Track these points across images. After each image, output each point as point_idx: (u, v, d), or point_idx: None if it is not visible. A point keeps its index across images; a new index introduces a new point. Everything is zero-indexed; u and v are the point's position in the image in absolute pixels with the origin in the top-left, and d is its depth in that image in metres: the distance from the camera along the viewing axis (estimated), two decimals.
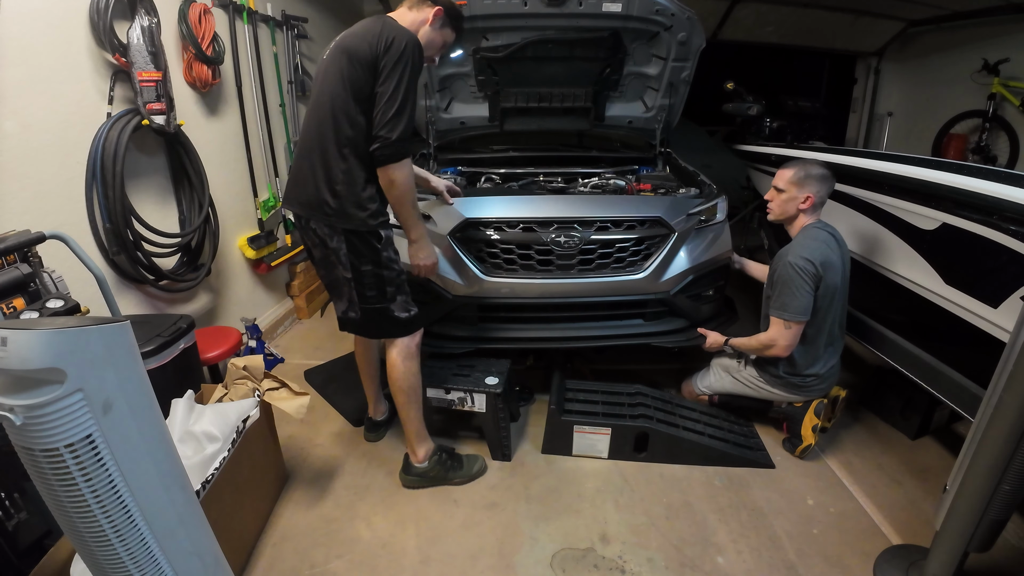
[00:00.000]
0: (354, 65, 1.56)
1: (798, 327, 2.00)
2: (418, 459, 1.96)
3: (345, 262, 1.69)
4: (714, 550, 1.73)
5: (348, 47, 1.59)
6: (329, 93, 1.61)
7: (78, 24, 1.93)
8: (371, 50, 1.54)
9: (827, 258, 1.97)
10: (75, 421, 0.82)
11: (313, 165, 1.65)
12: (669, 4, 2.49)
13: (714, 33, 4.86)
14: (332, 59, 1.64)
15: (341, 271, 1.73)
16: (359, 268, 1.70)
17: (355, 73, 1.56)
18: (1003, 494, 1.27)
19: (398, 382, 1.85)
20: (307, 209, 1.70)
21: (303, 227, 1.77)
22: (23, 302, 1.51)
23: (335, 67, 1.60)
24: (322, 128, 1.62)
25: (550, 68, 2.87)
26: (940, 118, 4.65)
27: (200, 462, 1.48)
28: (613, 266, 2.28)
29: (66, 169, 1.93)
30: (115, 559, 0.92)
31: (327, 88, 1.62)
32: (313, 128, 1.66)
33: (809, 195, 2.03)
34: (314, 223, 1.70)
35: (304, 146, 1.70)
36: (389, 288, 1.75)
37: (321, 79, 1.68)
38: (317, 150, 1.64)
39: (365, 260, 1.69)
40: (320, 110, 1.63)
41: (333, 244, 1.68)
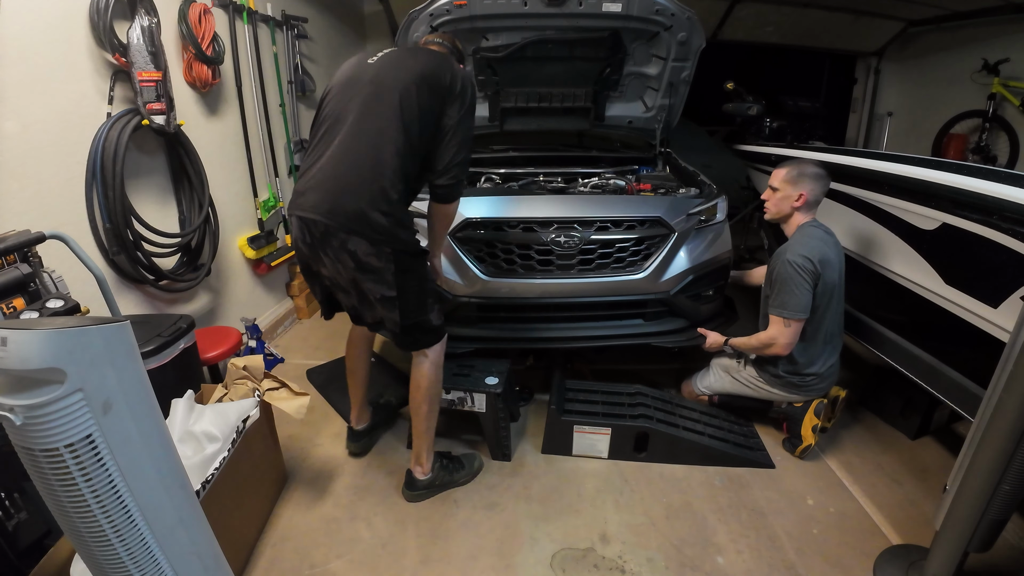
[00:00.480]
0: (433, 95, 1.58)
1: (797, 325, 2.00)
2: (424, 471, 1.91)
3: (391, 281, 1.58)
4: (714, 550, 1.73)
5: (426, 75, 1.58)
6: (396, 114, 1.54)
7: (78, 24, 1.93)
8: (447, 85, 1.59)
9: (825, 255, 1.97)
10: (75, 421, 0.82)
11: (364, 179, 1.53)
12: (669, 4, 2.49)
13: (714, 33, 4.86)
14: (397, 78, 1.58)
15: (382, 291, 1.60)
16: (405, 286, 1.62)
17: (430, 103, 1.58)
18: (1003, 494, 1.27)
19: (428, 391, 1.80)
20: (351, 223, 1.52)
21: (330, 244, 1.56)
22: (23, 302, 1.51)
23: (404, 88, 1.56)
24: (382, 144, 1.54)
25: (550, 68, 2.87)
26: (940, 118, 4.65)
27: (200, 462, 1.48)
28: (613, 266, 2.28)
29: (66, 169, 1.93)
30: (115, 559, 0.92)
31: (391, 108, 1.55)
32: (370, 141, 1.55)
33: (802, 193, 2.05)
34: (352, 243, 1.53)
35: (352, 157, 1.55)
36: (430, 300, 1.72)
37: (379, 94, 1.58)
38: (371, 165, 1.54)
39: (412, 277, 1.63)
40: (382, 124, 1.55)
41: (379, 263, 1.55)
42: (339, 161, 1.56)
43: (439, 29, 2.57)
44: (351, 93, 1.61)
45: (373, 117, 1.56)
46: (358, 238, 1.53)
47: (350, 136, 1.57)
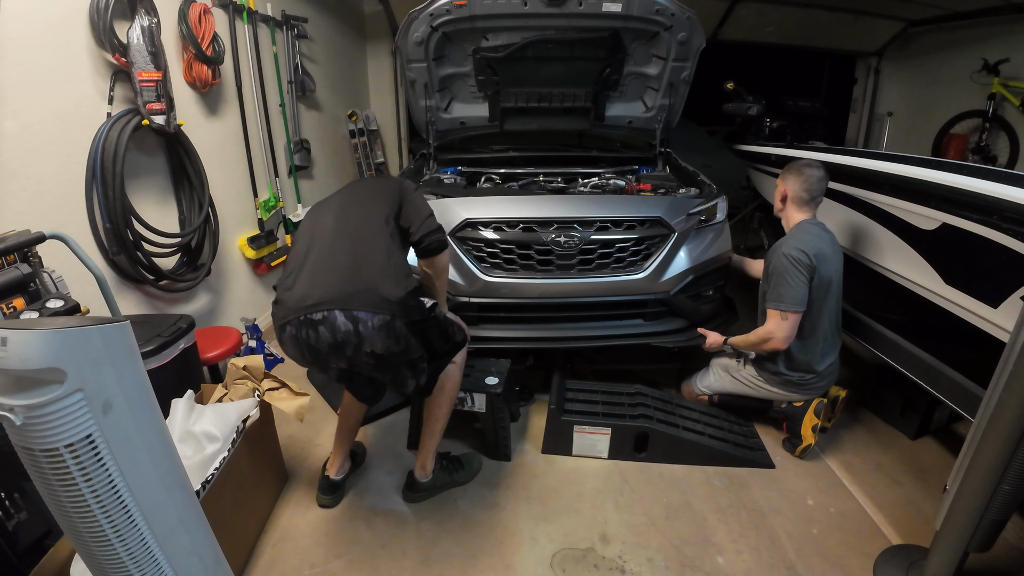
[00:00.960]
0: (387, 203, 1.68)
1: (795, 317, 2.00)
2: (427, 473, 1.91)
3: (415, 346, 1.53)
4: (714, 550, 1.73)
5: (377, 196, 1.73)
6: (372, 210, 1.66)
7: (78, 24, 1.93)
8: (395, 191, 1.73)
9: (820, 250, 1.99)
10: (75, 421, 0.82)
11: (362, 259, 1.52)
12: (669, 4, 2.49)
13: (714, 33, 4.86)
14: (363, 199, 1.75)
15: (408, 356, 1.56)
16: (430, 342, 1.60)
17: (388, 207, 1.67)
18: (1003, 494, 1.26)
19: (451, 392, 1.83)
20: (362, 296, 1.44)
21: (344, 352, 1.46)
22: (23, 302, 1.51)
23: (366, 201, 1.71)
24: (368, 229, 1.60)
25: (550, 68, 2.87)
26: (940, 118, 4.65)
27: (200, 462, 1.48)
28: (613, 266, 2.28)
29: (66, 169, 1.93)
30: (115, 559, 0.92)
31: (366, 208, 1.68)
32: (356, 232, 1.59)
33: (784, 189, 2.11)
34: (368, 339, 1.44)
35: (343, 247, 1.55)
36: (450, 330, 1.73)
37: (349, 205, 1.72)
38: (364, 247, 1.54)
39: (433, 334, 1.62)
40: (362, 219, 1.63)
41: (399, 346, 1.49)
42: (330, 254, 1.53)
43: (439, 29, 2.58)
44: (321, 218, 1.68)
45: (352, 217, 1.64)
46: (369, 315, 1.42)
47: (334, 237, 1.57)
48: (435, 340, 1.64)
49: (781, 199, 2.15)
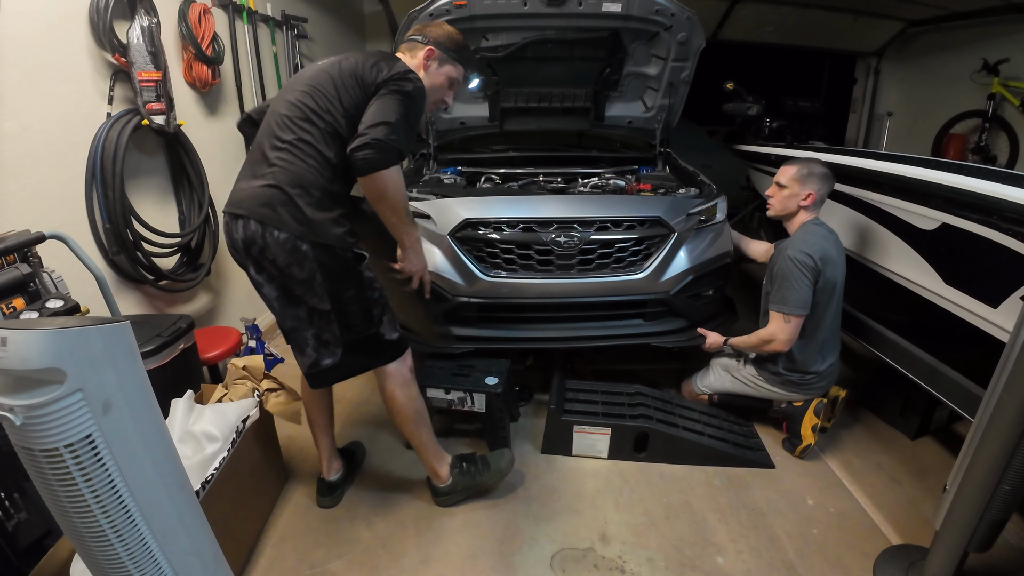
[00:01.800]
0: (353, 80, 1.48)
1: (797, 320, 2.00)
2: (442, 479, 1.85)
3: (321, 292, 1.44)
4: (714, 550, 1.73)
5: (350, 66, 1.50)
6: (317, 100, 1.47)
7: (78, 24, 1.93)
8: (371, 74, 1.47)
9: (826, 253, 1.98)
10: (75, 421, 0.82)
11: (285, 165, 1.43)
12: (669, 4, 2.49)
13: (714, 33, 4.86)
14: (324, 70, 1.52)
15: (315, 303, 1.47)
16: (341, 296, 1.47)
17: (352, 90, 1.47)
18: (1003, 494, 1.26)
19: (403, 413, 1.69)
20: (267, 211, 1.41)
21: (251, 253, 1.46)
22: (23, 302, 1.51)
23: (326, 76, 1.49)
24: (302, 128, 1.45)
25: (550, 68, 2.87)
26: (940, 118, 4.65)
27: (200, 462, 1.48)
28: (613, 266, 2.28)
29: (66, 169, 1.93)
30: (115, 559, 0.92)
31: (315, 95, 1.47)
32: (288, 127, 1.46)
33: (811, 192, 2.05)
34: (272, 240, 1.41)
35: (271, 144, 1.47)
36: (375, 310, 1.54)
37: (305, 83, 1.51)
38: (292, 151, 1.44)
39: (348, 284, 1.47)
40: (301, 111, 1.46)
41: (303, 274, 1.43)
42: (263, 160, 1.48)
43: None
44: (281, 96, 1.56)
45: (294, 105, 1.48)
46: (276, 232, 1.40)
47: (274, 125, 1.48)
48: (349, 304, 1.47)
49: (803, 201, 2.05)
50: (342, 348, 1.53)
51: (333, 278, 1.45)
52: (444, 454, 1.87)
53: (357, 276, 1.49)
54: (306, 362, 1.58)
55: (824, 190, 2.06)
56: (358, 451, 2.12)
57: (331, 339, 1.53)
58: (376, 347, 1.58)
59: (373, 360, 1.62)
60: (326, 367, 1.57)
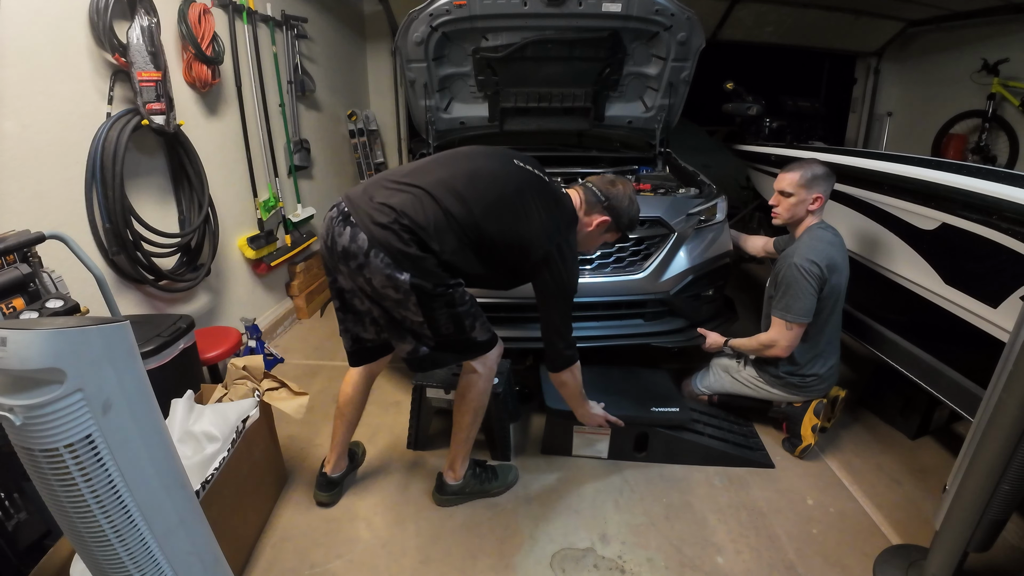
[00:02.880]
0: (519, 234, 1.56)
1: (799, 328, 2.00)
2: (455, 477, 1.87)
3: (415, 310, 1.51)
4: (714, 550, 1.73)
5: (528, 218, 1.56)
6: (490, 206, 1.53)
7: (77, 24, 1.93)
8: (530, 258, 1.57)
9: (832, 260, 1.97)
10: (75, 421, 0.82)
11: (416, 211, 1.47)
12: (669, 4, 2.49)
13: (714, 33, 4.86)
14: (508, 181, 1.59)
15: (409, 316, 1.54)
16: (434, 314, 1.53)
17: (514, 235, 1.56)
18: (1003, 494, 1.27)
19: (472, 403, 1.74)
20: (377, 232, 1.45)
21: (347, 260, 1.49)
22: (23, 302, 1.51)
23: (509, 194, 1.56)
24: (453, 198, 1.50)
25: (550, 68, 2.87)
26: (940, 118, 4.65)
27: (200, 462, 1.48)
28: (613, 266, 2.28)
29: (65, 169, 1.93)
30: (115, 559, 0.92)
31: (486, 192, 1.54)
32: (444, 193, 1.50)
33: (818, 195, 2.02)
34: (370, 267, 1.45)
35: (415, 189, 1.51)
36: (466, 321, 1.59)
37: (486, 171, 1.59)
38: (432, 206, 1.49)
39: (439, 302, 1.52)
40: (465, 197, 1.51)
41: (396, 296, 1.49)
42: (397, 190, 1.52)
43: (439, 29, 2.57)
44: (455, 159, 1.63)
45: (461, 185, 1.53)
46: (379, 253, 1.44)
47: (428, 189, 1.51)
48: (440, 318, 1.53)
49: (811, 205, 2.02)
50: (435, 344, 1.61)
51: (426, 302, 1.51)
52: (469, 457, 1.90)
53: (449, 298, 1.54)
54: (406, 349, 1.64)
55: (829, 190, 2.04)
56: (359, 450, 2.12)
57: (426, 338, 1.60)
58: (468, 347, 1.66)
59: (464, 355, 1.70)
60: (424, 355, 1.63)
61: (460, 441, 1.83)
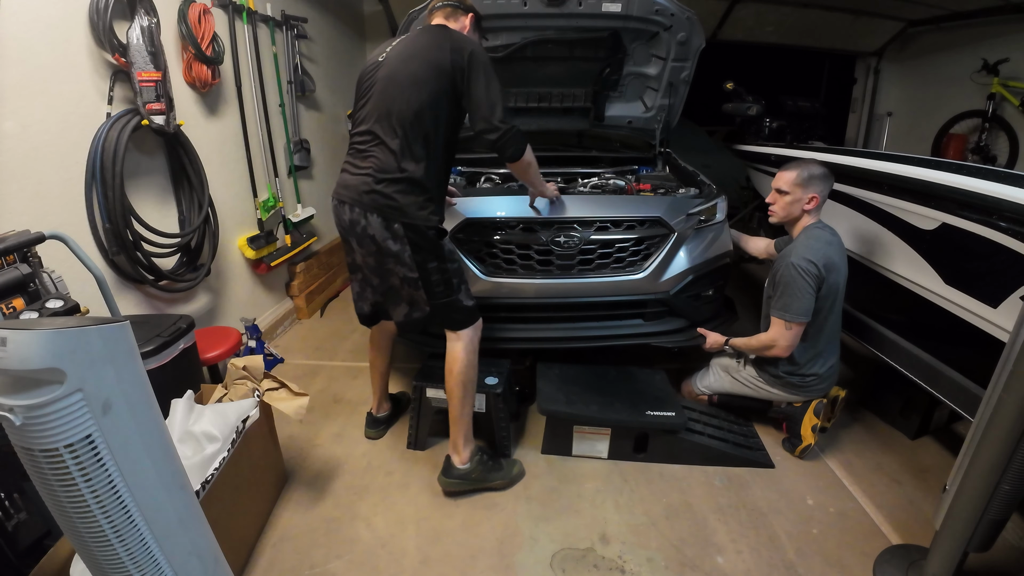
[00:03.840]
0: (433, 73, 1.66)
1: (799, 328, 2.00)
2: (462, 460, 1.91)
3: (410, 263, 1.71)
4: (714, 550, 1.73)
5: (428, 59, 1.66)
6: (403, 95, 1.65)
7: (77, 24, 1.93)
8: (452, 61, 1.65)
9: (830, 259, 1.97)
10: (75, 421, 0.82)
11: (377, 161, 1.68)
12: (669, 4, 2.49)
13: (714, 33, 4.86)
14: (399, 65, 1.69)
15: (404, 272, 1.74)
16: (425, 266, 1.72)
17: (435, 82, 1.66)
18: (1003, 494, 1.27)
19: (460, 375, 1.84)
20: (361, 200, 1.69)
21: (355, 232, 1.75)
22: (23, 302, 1.51)
23: (407, 72, 1.67)
24: (392, 125, 1.66)
25: (550, 68, 2.87)
26: (940, 118, 4.65)
27: (200, 462, 1.48)
28: (613, 266, 2.28)
29: (65, 169, 1.93)
30: (115, 559, 0.92)
31: (398, 90, 1.67)
32: (381, 124, 1.68)
33: (814, 195, 2.02)
34: (371, 225, 1.69)
35: (364, 144, 1.72)
36: (454, 280, 1.79)
37: (385, 82, 1.69)
38: (384, 146, 1.67)
39: (430, 257, 1.72)
40: (391, 107, 1.66)
41: (395, 248, 1.70)
42: (360, 147, 1.74)
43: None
44: (368, 95, 1.74)
45: (381, 103, 1.68)
46: (373, 216, 1.68)
47: (365, 121, 1.73)
48: (432, 275, 1.73)
49: (806, 205, 2.03)
50: (429, 307, 1.79)
51: (419, 251, 1.71)
52: (472, 437, 1.95)
53: (439, 249, 1.74)
54: (399, 314, 1.87)
55: (826, 190, 2.05)
56: (403, 399, 2.41)
57: (420, 301, 1.79)
58: (455, 311, 1.81)
59: (451, 322, 1.83)
60: (416, 318, 1.84)
61: (456, 418, 1.89)
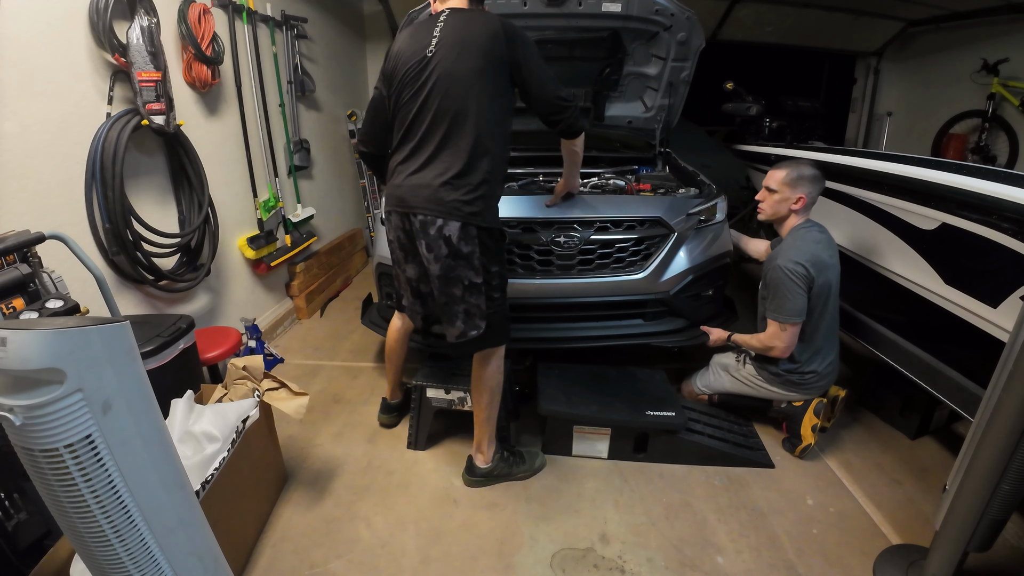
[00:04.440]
0: (494, 66, 1.65)
1: (794, 328, 2.00)
2: (485, 460, 1.97)
3: (478, 266, 1.68)
4: (714, 550, 1.73)
5: (486, 50, 1.64)
6: (472, 93, 1.63)
7: (77, 24, 1.93)
8: (508, 49, 1.65)
9: (817, 258, 1.97)
10: (75, 421, 0.82)
11: (448, 165, 1.64)
12: (669, 4, 2.49)
13: (714, 33, 4.86)
14: (456, 61, 1.64)
15: (470, 276, 1.68)
16: (490, 269, 1.72)
17: (496, 76, 1.65)
18: (1003, 494, 1.27)
19: (488, 382, 1.86)
20: (439, 208, 1.63)
21: (426, 235, 1.66)
22: (23, 302, 1.51)
23: (468, 67, 1.63)
24: (463, 125, 1.63)
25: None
26: (940, 118, 4.65)
27: (200, 462, 1.48)
28: (613, 266, 2.28)
29: (65, 169, 1.93)
30: (115, 559, 0.92)
31: (463, 88, 1.62)
32: (451, 126, 1.64)
33: (801, 196, 2.04)
34: (447, 229, 1.63)
35: (427, 146, 1.67)
36: (505, 288, 1.81)
37: (447, 80, 1.64)
38: (449, 149, 1.64)
39: (494, 260, 1.73)
40: (460, 108, 1.63)
41: (466, 249, 1.65)
42: (420, 152, 1.69)
43: None
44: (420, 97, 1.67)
45: (440, 104, 1.64)
46: (452, 221, 1.63)
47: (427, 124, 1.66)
48: (494, 274, 1.73)
49: (793, 205, 2.05)
50: (485, 322, 1.75)
51: (486, 253, 1.71)
52: (495, 439, 1.99)
53: (502, 253, 1.78)
54: (454, 332, 1.78)
55: (815, 192, 2.05)
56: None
57: (476, 313, 1.74)
58: (502, 323, 1.83)
59: (499, 337, 1.83)
60: (472, 338, 1.77)
61: (481, 422, 1.92)
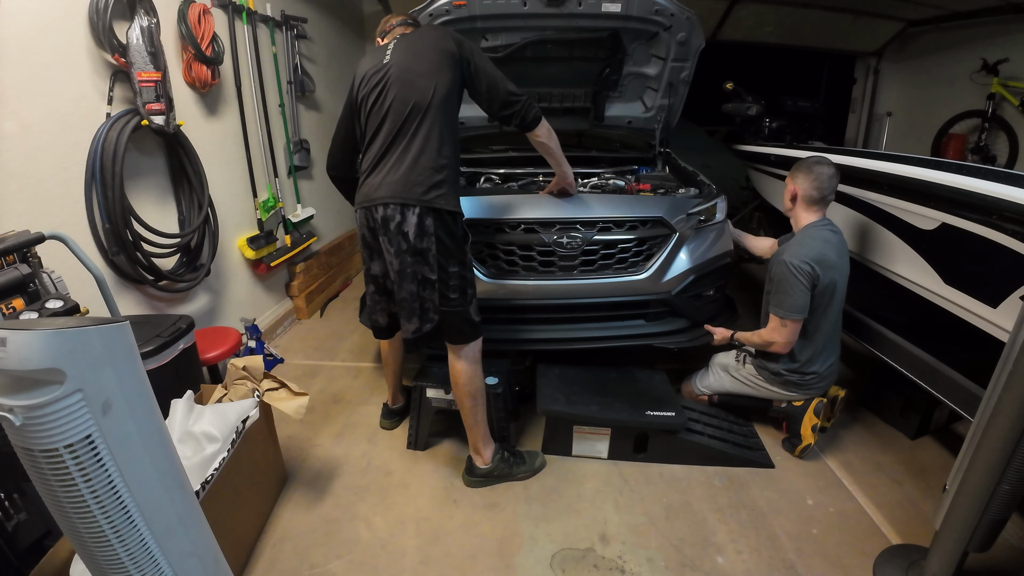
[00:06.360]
0: (448, 61, 1.74)
1: (795, 324, 2.00)
2: (484, 460, 1.98)
3: (433, 263, 1.71)
4: (714, 550, 1.73)
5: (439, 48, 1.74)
6: (430, 83, 1.71)
7: (77, 24, 1.93)
8: (458, 50, 1.76)
9: (824, 257, 1.96)
10: (74, 422, 0.82)
11: (414, 154, 1.70)
12: (668, 4, 2.49)
13: (714, 33, 4.86)
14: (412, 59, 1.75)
15: (425, 272, 1.73)
16: (447, 269, 1.74)
17: (450, 70, 1.74)
18: (1003, 494, 1.27)
19: (467, 386, 1.87)
20: (401, 195, 1.68)
21: (387, 229, 1.71)
22: (23, 302, 1.51)
23: (425, 61, 1.73)
24: (423, 114, 1.71)
25: (550, 68, 2.87)
26: (939, 118, 4.65)
27: (200, 462, 1.48)
28: (615, 267, 2.28)
29: (65, 169, 1.93)
30: (114, 559, 0.92)
31: (423, 80, 1.71)
32: (412, 117, 1.71)
33: (794, 188, 2.06)
34: (406, 224, 1.68)
35: (394, 142, 1.73)
36: (469, 290, 1.81)
37: (405, 76, 1.73)
38: (412, 139, 1.71)
39: (453, 260, 1.74)
40: (419, 99, 1.70)
41: (422, 245, 1.70)
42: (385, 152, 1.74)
43: None
44: (381, 99, 1.76)
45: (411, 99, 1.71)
46: (411, 212, 1.67)
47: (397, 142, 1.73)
48: (452, 278, 1.74)
49: (791, 198, 2.09)
50: (439, 316, 1.79)
51: (444, 251, 1.72)
52: (491, 439, 2.00)
53: (462, 255, 1.78)
54: (411, 328, 1.83)
55: (809, 185, 2.02)
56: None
57: (431, 308, 1.78)
58: (464, 322, 1.82)
59: (458, 335, 1.83)
60: (426, 332, 1.82)
61: (470, 425, 1.94)
